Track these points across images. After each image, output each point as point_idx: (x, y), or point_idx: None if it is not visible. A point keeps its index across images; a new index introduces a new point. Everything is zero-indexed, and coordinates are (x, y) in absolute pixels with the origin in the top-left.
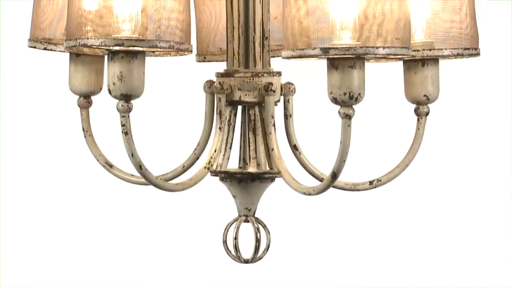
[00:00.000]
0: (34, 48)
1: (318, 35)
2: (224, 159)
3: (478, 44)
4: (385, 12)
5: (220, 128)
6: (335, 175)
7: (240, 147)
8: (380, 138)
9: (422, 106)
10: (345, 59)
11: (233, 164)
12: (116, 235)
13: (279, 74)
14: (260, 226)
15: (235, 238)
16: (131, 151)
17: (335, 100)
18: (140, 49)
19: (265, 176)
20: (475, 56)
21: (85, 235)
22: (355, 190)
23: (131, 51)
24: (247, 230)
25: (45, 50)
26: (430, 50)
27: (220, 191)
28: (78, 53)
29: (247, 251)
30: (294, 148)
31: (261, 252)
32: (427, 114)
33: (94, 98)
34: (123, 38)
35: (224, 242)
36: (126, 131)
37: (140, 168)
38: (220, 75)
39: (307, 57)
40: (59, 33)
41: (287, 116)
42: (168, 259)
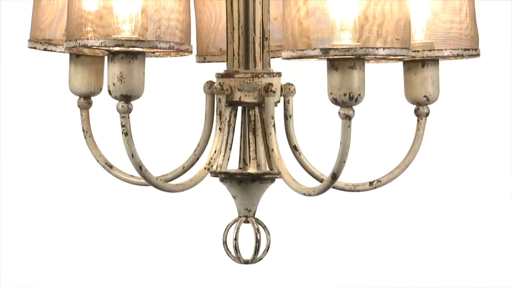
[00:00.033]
0: (34, 48)
1: (318, 36)
2: (224, 159)
3: (478, 44)
4: (385, 12)
5: (220, 128)
6: (335, 176)
7: (240, 147)
8: (380, 138)
9: (422, 106)
10: (345, 59)
11: (233, 164)
12: (116, 236)
13: (279, 74)
14: (260, 227)
15: (235, 239)
16: (131, 152)
17: (335, 101)
18: (140, 49)
19: (265, 176)
20: (475, 57)
21: (85, 236)
22: (355, 191)
23: (131, 52)
24: (247, 231)
25: (45, 50)
26: (430, 50)
27: (220, 192)
28: (78, 53)
29: (247, 252)
30: (294, 148)
31: (261, 253)
32: (427, 114)
33: (94, 99)
34: (123, 38)
35: (224, 243)
36: (126, 131)
37: (140, 168)
38: (220, 75)
39: (307, 57)
40: (59, 33)
41: (287, 117)
42: (168, 260)
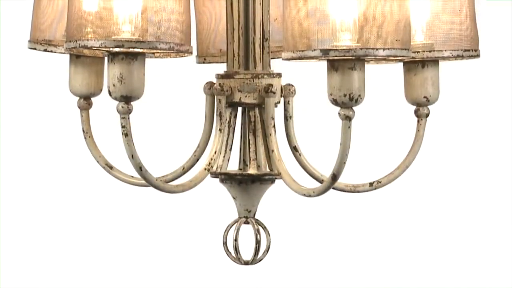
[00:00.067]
0: (34, 49)
1: (318, 37)
2: (224, 160)
3: (478, 45)
4: (385, 13)
5: (220, 129)
6: (335, 177)
7: (240, 148)
8: (380, 139)
9: (422, 107)
10: (345, 60)
11: (233, 165)
12: (116, 237)
13: (279, 75)
14: (260, 227)
15: (235, 240)
16: (131, 153)
17: (335, 102)
18: (140, 50)
19: (265, 177)
20: (475, 58)
21: (85, 236)
22: (355, 192)
23: (131, 53)
24: (247, 232)
25: (45, 51)
26: (430, 51)
27: (220, 193)
28: (78, 54)
29: (247, 253)
30: (294, 149)
31: (261, 253)
32: (427, 115)
33: (94, 100)
34: (123, 39)
35: (224, 244)
36: (126, 132)
37: (140, 169)
38: (220, 76)
39: (307, 58)
40: (59, 34)
41: (287, 118)
42: (168, 261)
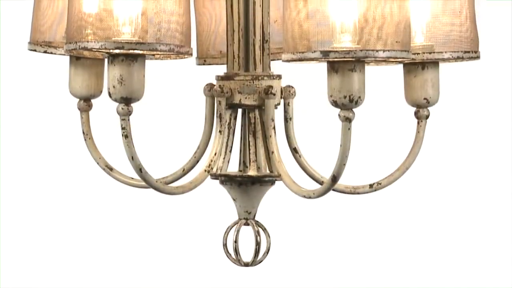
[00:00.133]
0: (34, 51)
1: (318, 38)
2: (224, 162)
3: (478, 47)
4: (385, 15)
5: (220, 131)
6: (335, 178)
7: (240, 150)
8: (380, 141)
9: (422, 109)
10: (345, 62)
11: (233, 167)
12: (117, 238)
13: (279, 77)
14: (260, 229)
15: (235, 241)
16: (131, 154)
17: (335, 103)
18: (140, 52)
19: (265, 179)
20: (475, 59)
21: (85, 238)
22: (355, 193)
23: (131, 54)
24: (247, 233)
25: (45, 53)
26: (430, 53)
27: (220, 194)
28: (78, 56)
29: (247, 254)
30: (294, 151)
31: (261, 255)
32: (427, 117)
33: (94, 101)
34: (123, 41)
35: (224, 245)
36: (126, 134)
37: (140, 171)
38: (220, 78)
39: (307, 60)
40: (59, 36)
41: (287, 119)
42: (168, 262)
